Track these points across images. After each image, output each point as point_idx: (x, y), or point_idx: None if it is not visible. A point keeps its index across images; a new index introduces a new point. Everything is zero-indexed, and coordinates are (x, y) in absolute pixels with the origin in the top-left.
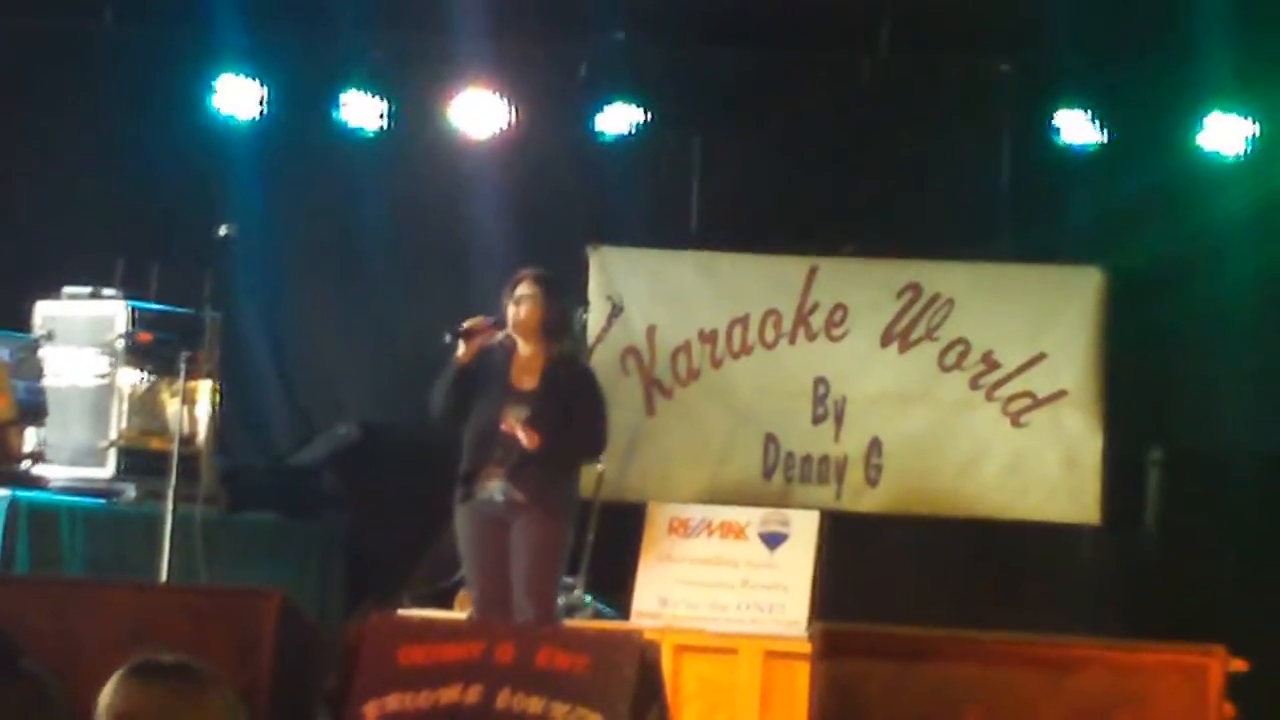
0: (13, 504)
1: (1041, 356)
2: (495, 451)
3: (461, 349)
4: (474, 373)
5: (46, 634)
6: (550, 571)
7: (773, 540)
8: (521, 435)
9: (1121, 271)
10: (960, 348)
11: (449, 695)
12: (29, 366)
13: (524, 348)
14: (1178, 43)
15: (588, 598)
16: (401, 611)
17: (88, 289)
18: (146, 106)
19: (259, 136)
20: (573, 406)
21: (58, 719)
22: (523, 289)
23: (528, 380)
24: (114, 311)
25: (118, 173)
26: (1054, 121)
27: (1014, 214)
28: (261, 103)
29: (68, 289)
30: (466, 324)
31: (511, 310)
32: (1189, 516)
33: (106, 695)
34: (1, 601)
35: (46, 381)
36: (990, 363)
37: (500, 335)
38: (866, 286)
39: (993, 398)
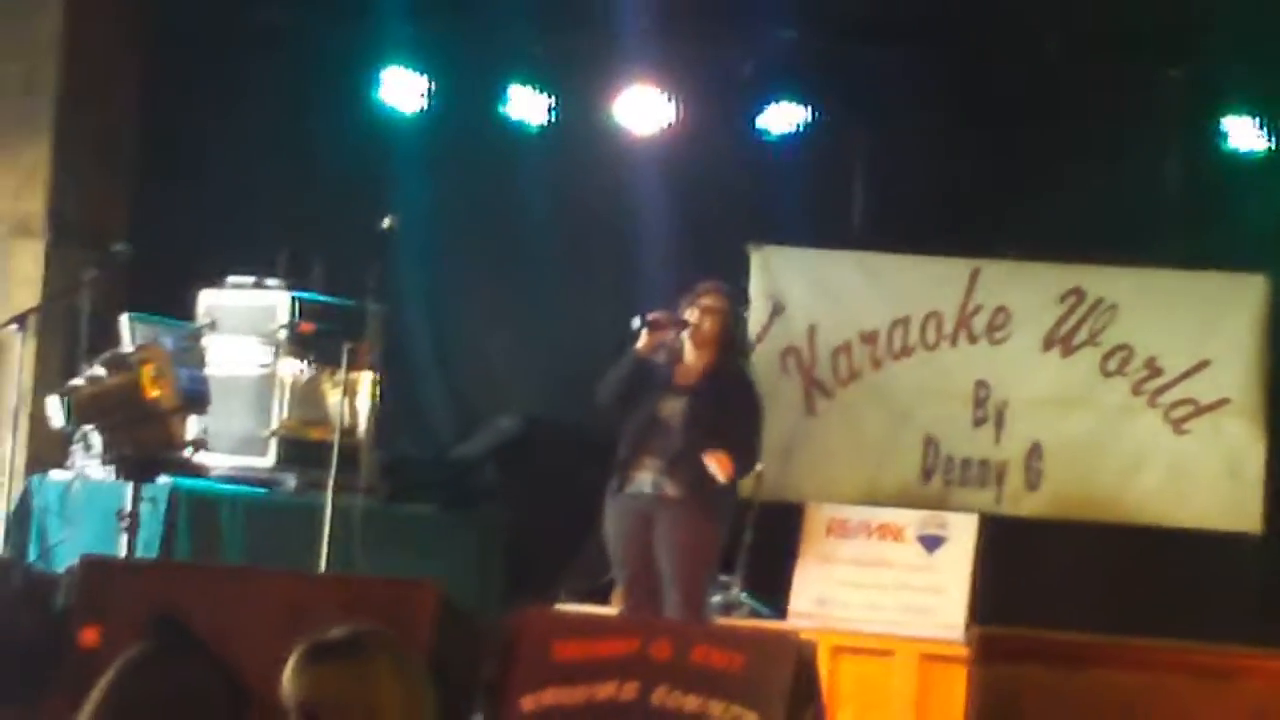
0: (174, 492)
1: (1205, 364)
2: (652, 442)
3: (644, 339)
4: (644, 368)
5: (204, 621)
6: (700, 571)
7: (931, 543)
8: (713, 467)
9: None
10: (1123, 353)
11: (605, 691)
12: (192, 355)
13: (691, 354)
14: None
15: (744, 596)
16: (558, 606)
17: (251, 279)
18: (313, 99)
19: (424, 129)
20: (729, 411)
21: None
22: (710, 301)
23: (690, 378)
24: (277, 301)
25: (283, 164)
26: (1222, 127)
27: (1180, 220)
28: (427, 96)
29: (231, 278)
30: (655, 314)
31: (695, 317)
32: None
33: (287, 685)
34: (161, 588)
35: (209, 370)
36: (1153, 369)
37: (680, 335)
38: (1029, 290)
39: (1155, 404)
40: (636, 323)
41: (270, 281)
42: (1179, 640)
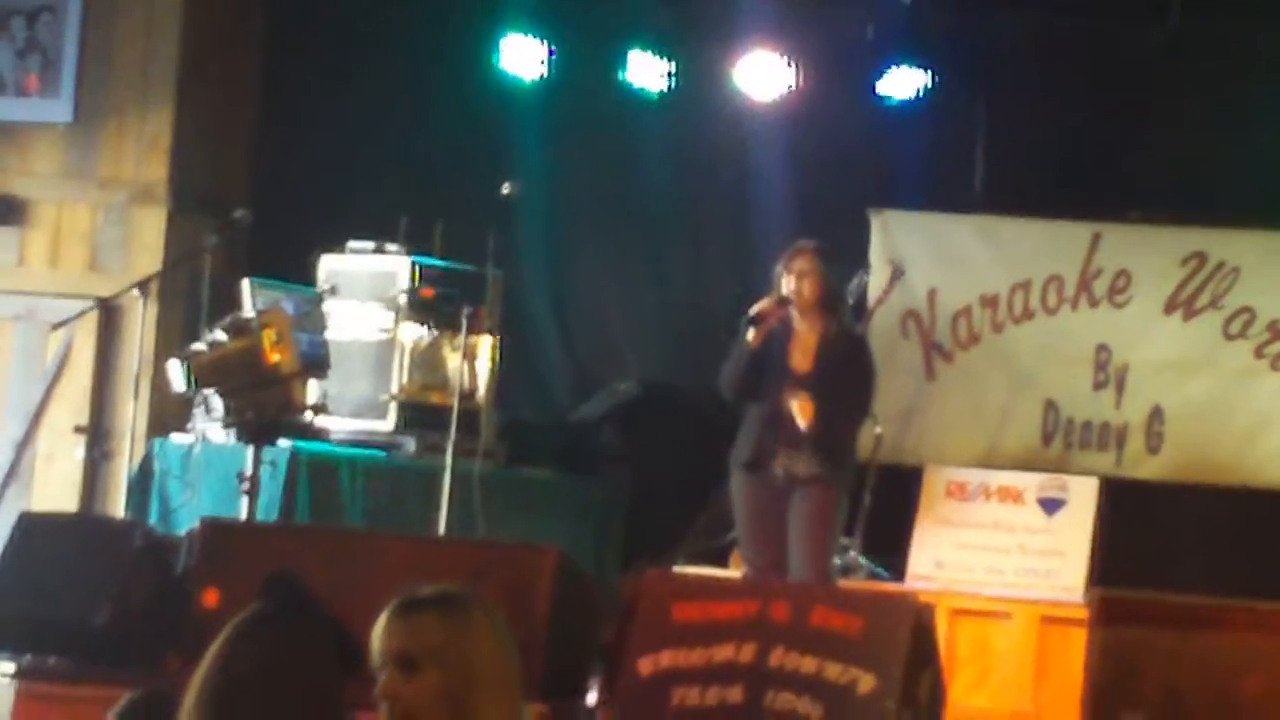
0: (294, 455)
1: None
2: (778, 435)
3: (752, 334)
4: (761, 353)
5: (324, 583)
6: (824, 540)
7: (1051, 506)
8: (797, 413)
9: None
10: (1245, 316)
11: (723, 652)
12: (313, 320)
13: (800, 323)
14: None
15: (863, 559)
16: (676, 569)
17: (372, 244)
18: (433, 65)
19: (544, 96)
20: (844, 377)
21: (353, 663)
22: (801, 264)
23: (804, 361)
24: (397, 267)
25: (404, 130)
26: None
27: None
28: (547, 63)
29: (352, 244)
30: (757, 308)
31: (791, 283)
32: None
33: (378, 635)
34: (282, 550)
35: (329, 335)
36: (1275, 332)
37: (787, 310)
38: (1151, 253)
39: (1277, 367)
40: (743, 322)
41: (390, 247)
42: None
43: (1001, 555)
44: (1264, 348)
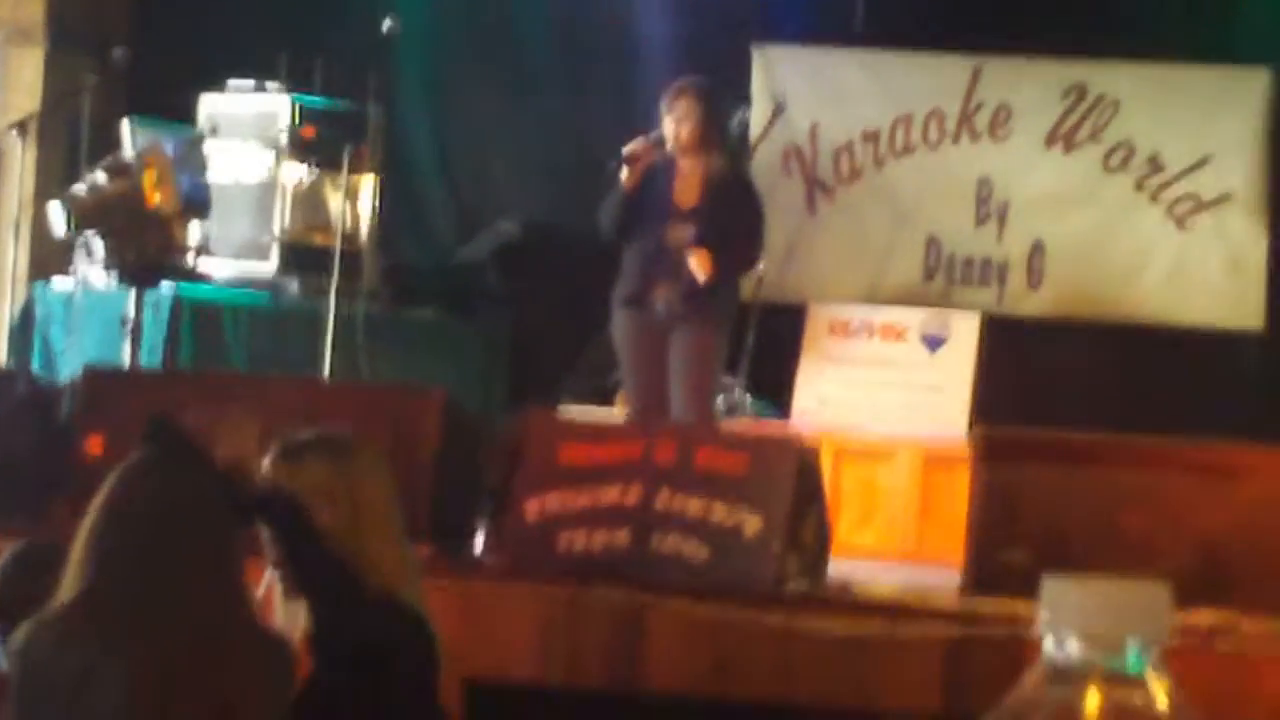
0: (176, 299)
1: (1208, 159)
2: (660, 269)
3: (626, 174)
4: (641, 189)
5: (208, 429)
6: (706, 379)
7: (933, 343)
8: (694, 265)
9: None
10: (1125, 149)
11: (609, 495)
12: (194, 160)
13: (684, 162)
14: None
15: (749, 398)
16: (562, 409)
17: (252, 82)
18: None
19: None
20: (731, 219)
21: (236, 506)
22: (681, 106)
23: (689, 197)
24: (278, 106)
25: None
26: None
27: (1182, 13)
28: None
29: (232, 82)
30: (629, 148)
31: (670, 126)
32: None
33: (268, 479)
34: (164, 395)
35: (210, 176)
36: (1155, 165)
37: (665, 150)
38: (1031, 87)
39: (1157, 200)
40: (614, 163)
41: (271, 85)
42: (1180, 437)
43: (885, 392)
44: (1144, 180)
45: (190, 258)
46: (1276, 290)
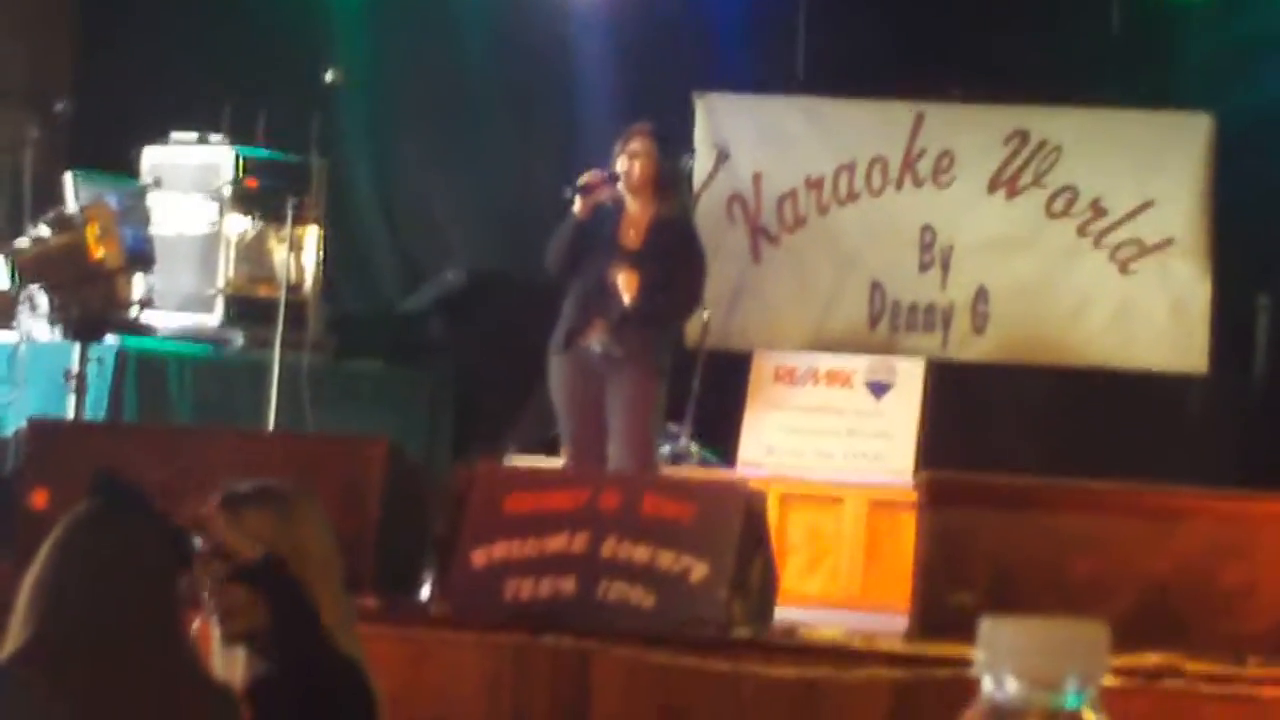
0: (121, 352)
1: (1150, 203)
2: (599, 306)
3: (579, 204)
4: (589, 228)
5: (154, 480)
6: (645, 428)
7: (879, 389)
8: (622, 287)
9: (1232, 118)
10: (1068, 194)
11: (555, 543)
12: (137, 213)
13: (633, 204)
14: None
15: (694, 446)
16: (508, 459)
17: (195, 135)
18: None
19: None
20: (674, 264)
21: (183, 559)
22: (636, 145)
23: (634, 238)
24: (221, 158)
25: (224, 17)
26: None
27: (1124, 59)
28: None
29: (175, 135)
30: (584, 179)
31: (624, 165)
32: None
33: (210, 532)
34: (110, 448)
35: (154, 229)
36: (1098, 210)
37: (616, 187)
38: (974, 132)
39: (1100, 245)
40: (567, 192)
41: (214, 137)
42: (1126, 482)
43: (831, 439)
44: (1086, 226)
45: (134, 311)
46: (1219, 334)
